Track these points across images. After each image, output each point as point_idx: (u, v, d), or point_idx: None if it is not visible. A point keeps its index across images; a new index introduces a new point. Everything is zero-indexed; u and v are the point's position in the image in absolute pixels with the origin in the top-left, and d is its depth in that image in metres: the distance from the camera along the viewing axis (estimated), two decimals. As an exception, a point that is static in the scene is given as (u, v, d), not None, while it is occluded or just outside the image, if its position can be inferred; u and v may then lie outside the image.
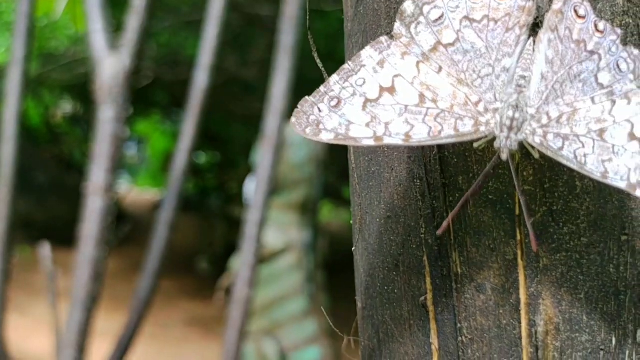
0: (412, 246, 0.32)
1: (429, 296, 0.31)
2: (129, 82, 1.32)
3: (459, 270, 0.30)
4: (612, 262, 0.29)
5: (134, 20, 1.30)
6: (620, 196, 0.29)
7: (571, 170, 0.28)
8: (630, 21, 0.28)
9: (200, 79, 1.56)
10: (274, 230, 3.29)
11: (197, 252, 6.80)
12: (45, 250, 1.66)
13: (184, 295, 5.72)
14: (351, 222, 0.38)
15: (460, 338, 0.30)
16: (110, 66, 1.32)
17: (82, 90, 5.35)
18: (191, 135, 1.55)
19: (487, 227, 0.29)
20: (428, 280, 0.31)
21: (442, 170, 0.30)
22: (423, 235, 0.31)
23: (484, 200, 0.29)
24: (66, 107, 7.09)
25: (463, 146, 0.29)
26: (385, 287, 0.34)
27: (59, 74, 4.41)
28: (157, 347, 4.44)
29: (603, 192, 0.28)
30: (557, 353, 0.29)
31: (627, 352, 0.30)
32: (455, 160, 0.29)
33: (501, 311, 0.29)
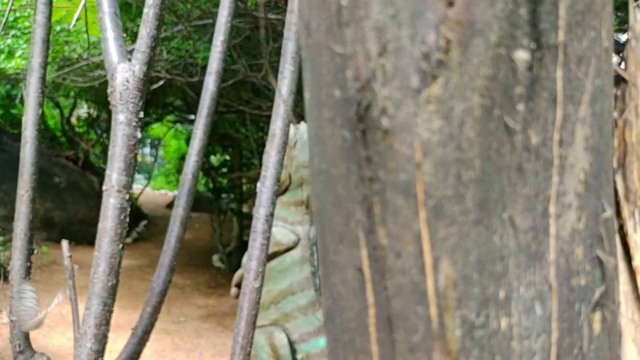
0: (351, 225, 0.41)
1: (365, 263, 0.41)
2: (142, 87, 1.41)
3: (384, 242, 0.40)
4: (496, 233, 0.39)
5: (144, 29, 1.39)
6: (501, 186, 0.39)
7: (460, 165, 0.37)
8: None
9: (210, 83, 1.66)
10: (281, 227, 3.38)
11: (212, 250, 6.93)
12: (64, 247, 1.76)
13: (199, 291, 5.85)
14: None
15: (386, 293, 0.40)
16: (123, 72, 1.40)
17: (97, 93, 5.49)
18: (202, 135, 1.64)
19: (400, 209, 0.38)
20: (364, 250, 0.41)
21: (369, 166, 0.39)
22: (359, 217, 0.41)
23: (397, 189, 0.38)
24: (81, 110, 7.24)
25: (385, 147, 0.39)
26: (335, 257, 0.43)
27: (73, 77, 4.52)
28: (174, 342, 4.56)
29: (485, 183, 0.38)
30: (455, 302, 0.38)
31: (513, 302, 0.40)
32: (376, 158, 0.39)
33: (413, 271, 0.39)
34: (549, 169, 0.39)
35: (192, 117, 7.10)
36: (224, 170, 7.06)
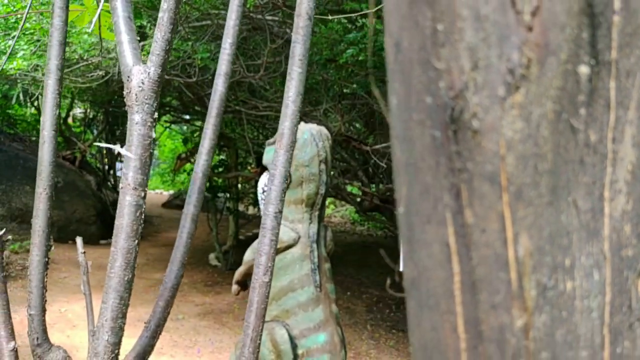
0: (439, 208, 0.51)
1: (452, 239, 0.50)
2: (156, 88, 1.48)
3: (470, 221, 0.49)
4: (563, 213, 0.48)
5: (159, 32, 1.47)
6: (567, 175, 0.48)
7: (536, 158, 0.47)
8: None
9: (219, 84, 1.74)
10: (282, 224, 3.44)
11: (209, 249, 7.00)
12: (79, 243, 1.84)
13: (196, 289, 5.92)
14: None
15: (471, 263, 0.49)
16: (138, 74, 1.47)
17: (94, 94, 5.55)
18: (212, 135, 1.73)
19: (486, 194, 0.48)
20: (451, 229, 0.50)
21: (459, 159, 0.48)
22: (447, 201, 0.50)
23: (484, 177, 0.47)
24: (77, 110, 7.28)
25: (474, 144, 0.48)
26: (422, 235, 0.52)
27: (73, 78, 4.57)
28: (173, 339, 4.63)
29: (555, 172, 0.47)
30: (531, 268, 0.48)
31: (576, 269, 0.49)
32: (465, 153, 0.48)
33: (496, 244, 0.48)
34: (604, 161, 0.49)
35: (187, 116, 7.16)
36: (220, 169, 7.14)
